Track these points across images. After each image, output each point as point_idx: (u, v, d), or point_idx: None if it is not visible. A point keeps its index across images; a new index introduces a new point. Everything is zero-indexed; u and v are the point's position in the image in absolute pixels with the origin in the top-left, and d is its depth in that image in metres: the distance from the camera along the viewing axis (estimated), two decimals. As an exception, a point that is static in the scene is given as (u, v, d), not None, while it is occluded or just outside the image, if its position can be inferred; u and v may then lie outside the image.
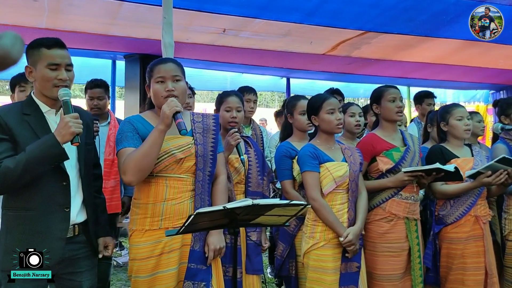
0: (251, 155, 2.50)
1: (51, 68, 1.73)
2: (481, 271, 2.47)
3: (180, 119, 1.72)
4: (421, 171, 2.34)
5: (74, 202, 1.78)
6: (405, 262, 2.40)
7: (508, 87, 7.10)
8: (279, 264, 2.58)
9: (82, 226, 1.82)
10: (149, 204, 1.81)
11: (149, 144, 1.73)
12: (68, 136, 1.62)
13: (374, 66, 6.26)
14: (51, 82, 1.73)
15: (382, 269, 2.37)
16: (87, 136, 1.87)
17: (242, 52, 5.34)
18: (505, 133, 2.84)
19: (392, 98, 2.49)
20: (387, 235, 2.39)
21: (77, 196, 1.81)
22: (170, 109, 1.72)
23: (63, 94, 1.69)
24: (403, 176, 2.37)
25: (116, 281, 4.02)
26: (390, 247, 2.37)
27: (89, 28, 4.35)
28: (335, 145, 2.40)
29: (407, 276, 2.40)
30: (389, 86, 2.56)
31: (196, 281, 1.81)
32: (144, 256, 1.80)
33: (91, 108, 3.13)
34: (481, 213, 2.53)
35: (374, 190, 2.46)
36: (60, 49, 1.76)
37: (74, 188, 1.78)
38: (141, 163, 1.72)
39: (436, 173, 2.34)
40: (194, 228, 1.62)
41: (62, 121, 1.64)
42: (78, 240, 1.81)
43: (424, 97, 4.11)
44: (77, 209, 1.80)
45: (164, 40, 2.95)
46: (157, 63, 1.89)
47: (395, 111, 2.49)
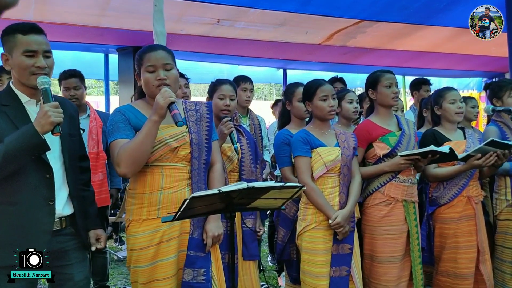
0: (243, 144, 2.51)
1: (28, 55, 1.64)
2: (473, 249, 2.53)
3: (176, 110, 1.68)
4: (417, 154, 2.37)
5: (60, 194, 1.73)
6: (404, 244, 2.43)
7: (501, 75, 7.14)
8: (280, 249, 2.61)
9: (69, 218, 1.78)
10: (146, 194, 1.79)
11: (143, 135, 1.69)
12: (48, 126, 1.54)
13: (369, 56, 6.27)
14: (28, 70, 1.65)
15: (382, 251, 2.40)
16: (71, 127, 1.80)
17: (238, 43, 5.32)
18: (497, 115, 2.87)
19: (389, 83, 2.50)
20: (386, 218, 2.42)
21: (63, 189, 1.75)
22: (164, 100, 1.67)
23: (41, 82, 1.61)
24: (400, 160, 2.39)
25: (117, 275, 4.02)
26: (389, 230, 2.40)
27: (79, 20, 4.27)
28: (330, 130, 2.42)
29: (406, 257, 2.44)
30: (384, 71, 2.56)
31: (195, 268, 1.80)
32: (143, 246, 1.78)
33: (68, 99, 3.07)
34: (473, 194, 2.58)
35: (372, 175, 2.48)
36: (37, 35, 1.67)
37: (58, 181, 1.72)
38: (135, 155, 1.69)
39: (431, 155, 2.36)
40: (190, 214, 1.60)
41: (41, 111, 1.56)
42: (66, 233, 1.77)
43: (422, 84, 4.13)
44: (63, 202, 1.75)
45: (156, 29, 2.91)
46: (147, 50, 1.83)
47: (391, 97, 2.50)
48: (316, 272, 2.24)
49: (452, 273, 2.52)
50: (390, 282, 2.38)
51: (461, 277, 2.50)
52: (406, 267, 2.44)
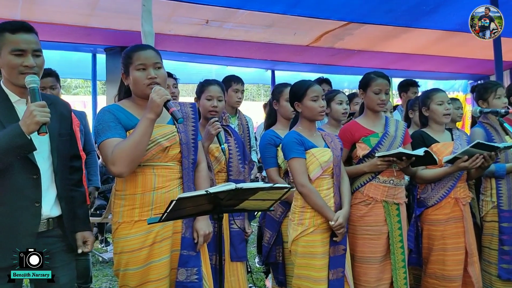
0: (231, 144, 2.50)
1: (16, 54, 1.62)
2: (460, 251, 2.54)
3: (174, 108, 1.68)
4: (391, 156, 2.37)
5: (47, 196, 1.70)
6: (384, 245, 2.42)
7: (486, 77, 7.26)
8: (267, 251, 2.60)
9: (57, 220, 1.74)
10: (137, 195, 1.77)
11: (139, 133, 1.67)
12: (33, 125, 1.50)
13: (357, 57, 6.33)
14: (17, 69, 1.62)
15: (362, 251, 2.41)
16: (61, 127, 1.77)
17: (226, 44, 5.33)
18: (483, 117, 2.89)
19: (378, 89, 2.48)
20: (365, 218, 2.42)
21: (50, 190, 1.72)
22: (160, 98, 1.68)
23: (29, 81, 1.58)
24: (376, 161, 2.39)
25: (102, 277, 3.97)
26: (369, 230, 2.40)
27: (67, 20, 4.25)
28: (316, 132, 2.42)
29: (387, 259, 2.43)
30: (378, 75, 2.51)
31: (188, 268, 1.80)
32: (135, 248, 1.75)
33: None
34: (461, 195, 2.59)
35: (353, 175, 2.49)
36: (26, 34, 1.64)
37: (46, 182, 1.69)
38: (133, 153, 1.67)
39: (406, 158, 2.36)
40: (177, 215, 1.58)
41: (27, 110, 1.53)
42: (53, 234, 1.73)
43: (410, 86, 4.16)
44: (51, 203, 1.71)
45: (144, 29, 2.90)
46: (136, 49, 1.83)
47: (377, 103, 2.49)
48: (315, 276, 2.20)
49: (440, 275, 2.53)
50: (369, 283, 2.37)
51: (449, 279, 2.50)
52: (387, 270, 2.41)
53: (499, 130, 2.81)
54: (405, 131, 2.59)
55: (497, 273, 2.66)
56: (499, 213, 2.70)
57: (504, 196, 2.71)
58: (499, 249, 2.67)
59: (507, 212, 2.69)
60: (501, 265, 2.66)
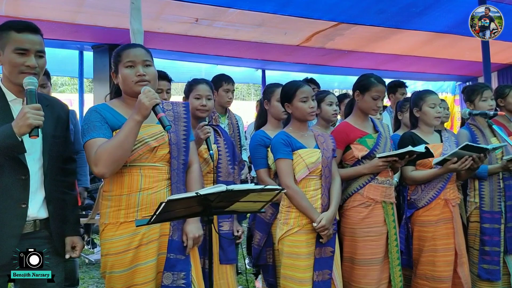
0: (220, 144, 2.46)
1: (19, 53, 1.63)
2: (450, 252, 2.55)
3: (163, 113, 1.64)
4: (394, 155, 2.38)
5: (36, 197, 1.67)
6: (384, 246, 2.43)
7: (474, 79, 7.35)
8: (257, 253, 2.57)
9: (44, 222, 1.72)
10: (123, 196, 1.73)
11: (124, 134, 1.64)
12: (25, 128, 1.49)
13: (347, 58, 6.35)
14: (18, 68, 1.63)
15: (363, 253, 2.39)
16: (56, 129, 1.75)
17: (216, 42, 5.30)
18: (471, 119, 2.91)
19: (377, 96, 2.48)
20: (366, 220, 2.41)
21: (39, 192, 1.69)
22: (150, 101, 1.63)
23: (27, 83, 1.58)
24: (378, 161, 2.40)
25: (89, 279, 3.91)
26: (370, 232, 2.40)
27: (54, 16, 4.17)
28: (308, 132, 2.41)
29: (385, 259, 2.44)
30: (379, 81, 2.50)
31: (175, 271, 1.76)
32: (120, 250, 1.72)
33: None
34: (451, 197, 2.61)
35: (351, 177, 2.47)
36: (32, 34, 1.66)
37: (35, 183, 1.67)
38: (115, 154, 1.63)
39: (409, 156, 2.38)
40: (166, 217, 1.54)
41: (21, 111, 1.52)
42: (40, 236, 1.71)
43: (398, 87, 4.18)
44: (38, 205, 1.69)
45: (133, 27, 2.86)
46: (125, 47, 1.81)
47: (373, 108, 2.51)
48: (299, 277, 2.20)
49: (430, 276, 2.53)
50: (371, 285, 2.37)
51: (439, 280, 2.51)
52: (385, 269, 2.44)
53: (486, 132, 2.83)
54: (388, 131, 2.64)
55: (477, 273, 2.69)
56: (481, 213, 2.73)
57: (486, 197, 2.74)
58: (480, 249, 2.70)
59: (488, 213, 2.72)
60: (482, 265, 2.69)
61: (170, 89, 2.93)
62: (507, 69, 7.37)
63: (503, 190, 2.75)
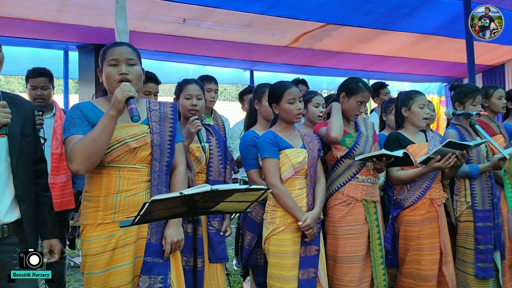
0: (212, 144, 2.45)
1: None
2: (435, 251, 2.57)
3: (133, 105, 1.62)
4: (371, 157, 2.39)
5: (3, 200, 1.61)
6: (365, 243, 2.45)
7: (459, 80, 7.44)
8: (247, 254, 2.56)
9: (13, 226, 1.65)
10: (101, 197, 1.72)
11: (98, 130, 1.62)
12: None
13: (335, 59, 6.37)
14: None
15: (344, 251, 2.41)
16: (25, 127, 1.71)
17: (204, 43, 5.27)
18: (456, 119, 2.93)
19: (362, 100, 2.51)
20: (347, 218, 2.43)
21: (7, 193, 1.63)
22: (122, 94, 1.62)
23: None
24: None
25: (74, 282, 3.88)
26: (351, 230, 2.42)
27: (38, 15, 4.10)
28: (295, 132, 2.42)
29: (368, 257, 2.45)
30: (365, 87, 2.52)
31: (152, 275, 1.73)
32: (96, 252, 1.70)
33: (34, 98, 2.89)
34: (436, 196, 2.63)
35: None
36: None
37: (2, 185, 1.61)
38: (89, 150, 1.61)
39: (386, 158, 2.39)
40: (150, 218, 1.52)
41: None
42: (9, 242, 1.64)
43: (379, 89, 4.23)
44: (5, 208, 1.62)
45: (118, 26, 2.82)
46: (112, 45, 1.80)
47: (356, 113, 2.53)
48: (285, 275, 2.21)
49: (415, 275, 2.55)
50: (352, 283, 2.39)
51: (424, 278, 2.53)
52: (368, 268, 2.45)
53: (471, 131, 2.87)
54: (373, 130, 2.64)
55: (474, 273, 2.70)
56: (474, 213, 2.74)
57: (478, 196, 2.76)
58: (475, 248, 2.71)
59: (481, 212, 2.75)
60: (477, 264, 2.70)
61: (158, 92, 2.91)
62: (492, 71, 7.46)
63: (491, 188, 2.78)
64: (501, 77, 7.33)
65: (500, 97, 3.09)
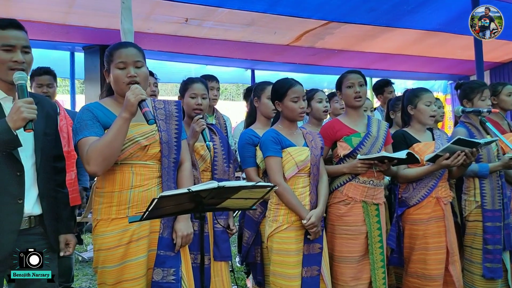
0: (216, 143, 2.47)
1: (5, 49, 1.65)
2: (442, 250, 2.53)
3: (147, 108, 1.68)
4: (373, 159, 2.36)
5: (29, 194, 1.70)
6: (363, 245, 2.42)
7: (466, 77, 7.29)
8: (245, 251, 2.58)
9: (39, 218, 1.75)
10: (115, 192, 1.77)
11: (113, 132, 1.67)
12: (20, 122, 1.52)
13: (337, 57, 6.35)
14: (6, 64, 1.65)
15: (340, 250, 2.40)
16: (47, 126, 1.78)
17: (206, 42, 5.29)
18: (465, 117, 2.87)
19: (350, 83, 2.49)
20: (344, 217, 2.41)
21: (32, 189, 1.72)
22: (135, 97, 1.67)
23: (18, 78, 1.60)
24: (357, 163, 2.38)
25: (82, 276, 3.93)
26: (348, 230, 2.40)
27: (44, 17, 4.16)
28: (297, 130, 2.41)
29: (366, 259, 2.42)
30: (349, 71, 2.55)
31: (165, 268, 1.79)
32: (111, 246, 1.75)
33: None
34: (442, 195, 2.58)
35: (332, 174, 2.48)
36: (16, 30, 1.68)
37: (29, 180, 1.70)
38: (105, 152, 1.67)
39: (388, 160, 2.35)
40: (158, 214, 1.56)
41: (14, 106, 1.55)
42: (35, 232, 1.74)
43: (384, 86, 4.17)
44: (32, 201, 1.72)
45: (123, 27, 2.85)
46: (117, 47, 1.83)
47: (353, 97, 2.49)
48: (289, 273, 2.21)
49: (421, 274, 2.51)
50: (347, 283, 2.37)
51: (430, 278, 2.49)
52: (366, 270, 2.41)
53: (481, 129, 2.81)
54: (387, 131, 2.58)
55: (482, 273, 2.66)
56: (483, 212, 2.69)
57: (488, 195, 2.70)
58: (483, 248, 2.67)
59: (490, 211, 2.70)
60: (485, 264, 2.66)
61: (156, 83, 2.96)
62: (500, 68, 7.30)
63: (501, 188, 2.73)
64: (510, 74, 7.18)
65: (509, 94, 3.00)
